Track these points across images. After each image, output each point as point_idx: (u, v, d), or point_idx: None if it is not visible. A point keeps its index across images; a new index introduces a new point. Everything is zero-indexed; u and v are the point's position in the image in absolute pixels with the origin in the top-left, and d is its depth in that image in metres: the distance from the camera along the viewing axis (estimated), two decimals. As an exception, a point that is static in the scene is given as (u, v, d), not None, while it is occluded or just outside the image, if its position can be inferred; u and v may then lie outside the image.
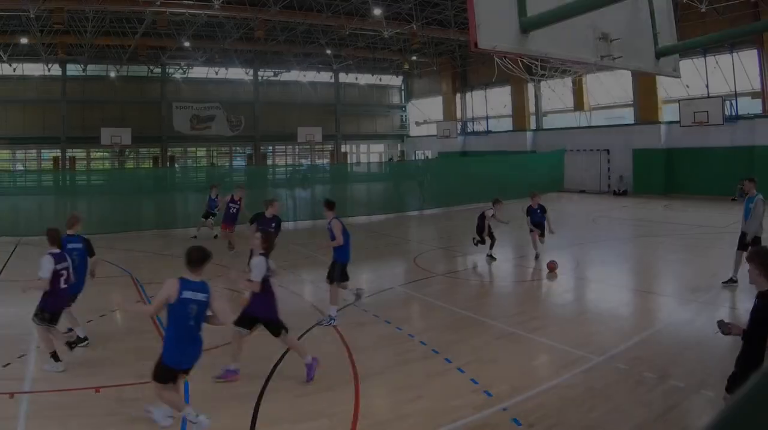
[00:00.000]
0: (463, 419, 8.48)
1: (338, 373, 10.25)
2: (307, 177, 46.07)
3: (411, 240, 26.13)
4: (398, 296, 16.09)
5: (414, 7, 44.03)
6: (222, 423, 8.47)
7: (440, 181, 43.73)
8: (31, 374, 10.23)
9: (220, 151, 68.43)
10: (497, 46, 8.69)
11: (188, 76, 64.67)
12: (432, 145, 66.77)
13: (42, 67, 57.79)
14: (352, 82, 72.06)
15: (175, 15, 44.86)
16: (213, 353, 11.17)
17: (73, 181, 43.43)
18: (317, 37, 53.38)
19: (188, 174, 53.30)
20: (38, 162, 61.56)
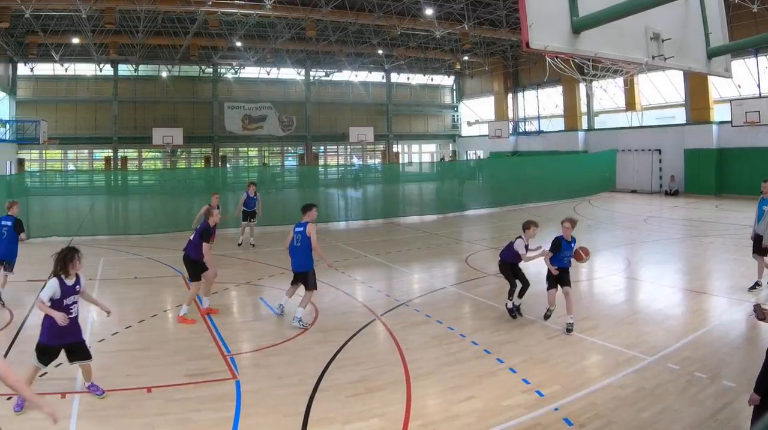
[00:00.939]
0: (514, 419, 8.51)
1: (390, 373, 10.29)
2: (358, 177, 46.13)
3: (462, 240, 26.03)
4: (450, 296, 16.04)
5: (466, 7, 43.89)
6: (274, 423, 8.56)
7: (491, 181, 43.61)
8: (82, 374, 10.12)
9: (272, 151, 68.41)
10: (549, 46, 8.70)
11: (240, 76, 64.92)
12: (483, 145, 66.50)
13: (94, 67, 58.30)
14: (403, 82, 71.99)
15: (226, 15, 45.00)
16: (265, 352, 11.32)
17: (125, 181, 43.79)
18: (369, 37, 53.28)
19: (240, 174, 53.55)
20: (90, 162, 62.03)
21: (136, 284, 17.72)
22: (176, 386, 9.76)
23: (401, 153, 73.15)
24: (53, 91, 58.26)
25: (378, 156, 72.04)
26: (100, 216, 33.50)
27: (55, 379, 9.96)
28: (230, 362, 10.93)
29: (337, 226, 31.48)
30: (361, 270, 19.49)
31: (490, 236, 27.06)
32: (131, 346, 11.74)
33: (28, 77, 57.18)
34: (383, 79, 70.84)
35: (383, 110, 71.01)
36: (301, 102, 66.98)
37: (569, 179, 42.00)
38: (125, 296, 16.19)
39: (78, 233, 26.92)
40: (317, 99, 67.78)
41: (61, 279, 9.05)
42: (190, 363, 10.85)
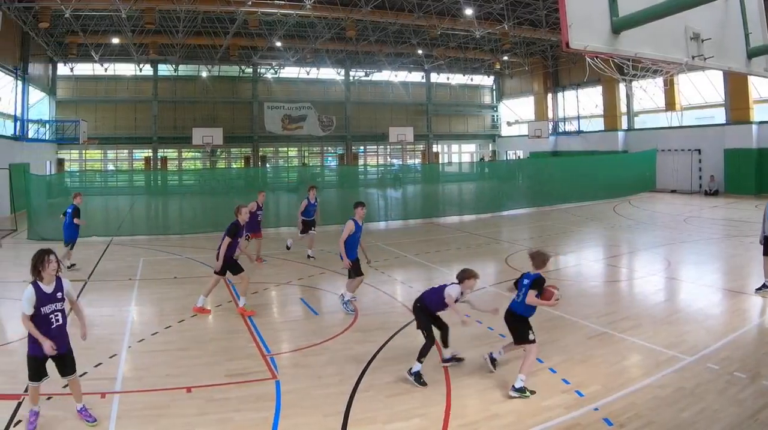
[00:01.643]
0: (554, 419, 8.51)
1: (430, 373, 10.25)
2: (398, 177, 46.18)
3: (502, 240, 25.97)
4: (490, 296, 15.96)
5: (505, 7, 43.73)
6: (314, 423, 8.59)
7: (531, 181, 43.49)
8: (122, 374, 10.42)
9: (312, 151, 68.55)
10: (589, 47, 8.68)
11: (279, 76, 65.02)
12: (523, 145, 66.44)
13: (133, 67, 58.69)
14: (443, 82, 71.79)
15: (266, 15, 45.13)
16: (304, 352, 11.37)
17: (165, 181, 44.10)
18: (409, 37, 53.27)
19: (280, 174, 53.82)
20: (129, 162, 62.44)
21: (175, 284, 17.86)
22: (216, 386, 9.82)
23: (441, 153, 72.99)
24: (93, 91, 58.67)
25: (418, 156, 71.91)
26: (139, 216, 33.82)
27: (94, 379, 10.07)
28: (270, 362, 10.98)
29: (376, 226, 31.49)
30: (401, 270, 19.52)
31: (530, 236, 27.03)
32: (171, 346, 11.81)
33: (67, 77, 57.51)
34: (423, 79, 70.70)
35: (423, 110, 70.88)
36: (340, 102, 67.01)
37: (609, 179, 41.89)
38: (165, 295, 16.33)
39: (117, 232, 27.15)
40: (357, 99, 67.79)
41: (37, 285, 8.62)
42: (230, 363, 10.91)
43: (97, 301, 15.84)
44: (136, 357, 11.32)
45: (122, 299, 15.98)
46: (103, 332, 12.91)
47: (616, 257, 21.99)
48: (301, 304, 15.29)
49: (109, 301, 15.98)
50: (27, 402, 8.67)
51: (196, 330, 12.88)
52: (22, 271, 19.00)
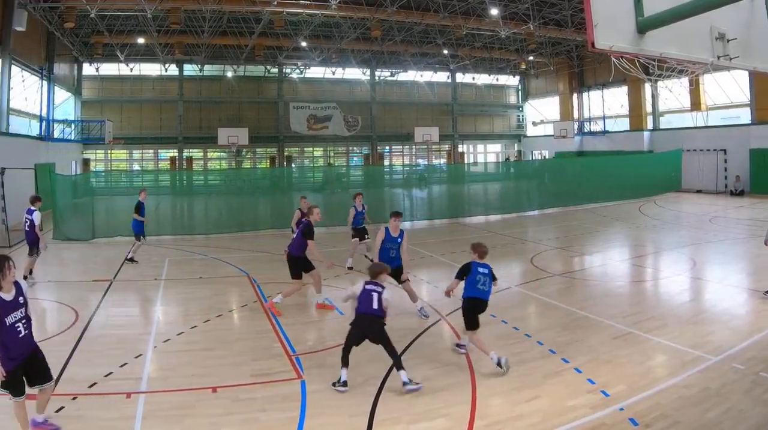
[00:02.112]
0: (579, 419, 8.50)
1: (455, 373, 10.31)
2: (424, 177, 46.15)
3: (527, 240, 25.91)
4: (515, 296, 16.02)
5: (531, 7, 43.65)
6: (339, 423, 8.61)
7: (557, 181, 43.38)
8: (148, 374, 10.43)
9: (337, 151, 68.39)
10: (614, 46, 8.65)
11: (305, 76, 64.76)
12: (549, 145, 66.08)
13: (159, 67, 58.87)
14: (468, 82, 71.44)
15: (292, 15, 45.22)
16: (330, 352, 11.39)
17: (190, 181, 44.19)
18: (434, 37, 53.21)
19: (305, 174, 53.90)
20: (155, 162, 62.58)
21: (201, 284, 17.88)
22: (242, 386, 9.83)
23: (466, 153, 72.84)
24: (118, 91, 58.82)
25: (443, 156, 71.73)
26: (165, 216, 33.91)
27: (120, 379, 10.12)
28: (295, 362, 10.99)
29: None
30: (427, 270, 19.53)
31: (555, 236, 26.92)
32: (196, 346, 11.84)
33: (93, 77, 57.74)
34: (448, 79, 70.41)
35: (448, 110, 70.62)
36: (366, 102, 66.93)
37: (634, 179, 41.69)
38: (190, 295, 16.37)
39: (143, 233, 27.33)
40: (382, 99, 67.64)
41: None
42: (256, 363, 10.94)
43: (123, 301, 15.96)
44: (162, 357, 11.35)
45: (148, 298, 16.09)
46: (129, 332, 12.98)
47: (642, 257, 21.87)
48: (326, 303, 15.30)
49: (134, 301, 16.10)
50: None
51: (221, 330, 12.91)
52: (48, 271, 19.18)
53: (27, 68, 39.64)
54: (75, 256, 23.21)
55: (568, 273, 18.85)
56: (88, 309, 14.63)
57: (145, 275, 19.03)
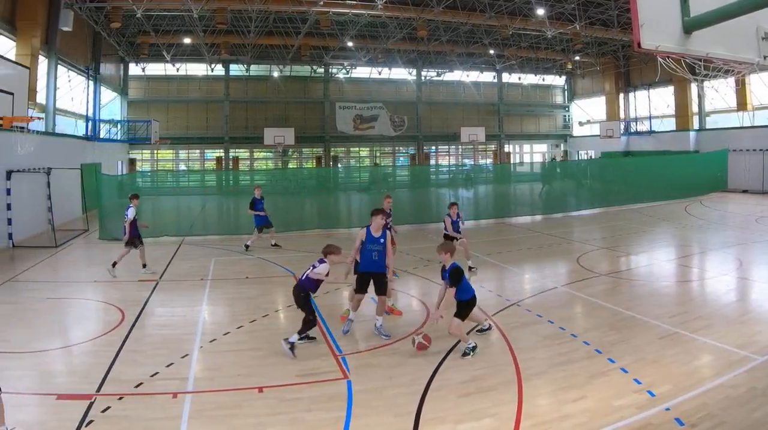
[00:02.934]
0: (625, 419, 8.44)
1: (501, 373, 10.27)
2: (470, 177, 46.07)
3: (573, 240, 25.77)
4: (561, 296, 15.97)
5: (577, 7, 43.37)
6: (385, 423, 8.61)
7: (603, 181, 43.11)
8: (194, 374, 10.49)
9: (383, 151, 68.31)
10: (660, 47, 8.60)
11: (351, 76, 64.79)
12: (595, 145, 65.74)
13: (205, 67, 59.16)
14: (515, 82, 71.10)
15: (338, 15, 45.20)
16: (375, 352, 11.40)
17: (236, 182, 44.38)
18: (480, 37, 52.98)
19: (351, 174, 53.96)
20: (201, 162, 62.89)
21: (247, 283, 17.96)
22: (288, 386, 9.84)
23: (512, 153, 72.59)
24: (164, 91, 59.29)
25: (489, 156, 71.51)
26: (211, 216, 34.16)
27: (166, 379, 10.19)
28: (341, 362, 11.00)
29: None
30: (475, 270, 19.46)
31: (601, 236, 26.74)
32: (243, 346, 11.86)
33: (139, 77, 58.26)
34: (494, 79, 70.13)
35: (494, 110, 70.37)
36: (412, 102, 66.79)
37: (680, 179, 41.41)
38: (237, 295, 16.44)
39: (189, 232, 27.43)
40: (428, 99, 67.41)
41: None
42: (302, 363, 10.93)
43: (169, 301, 16.06)
44: (208, 357, 11.40)
45: (194, 298, 16.11)
46: (175, 332, 13.04)
47: (688, 256, 21.76)
48: (372, 304, 15.31)
49: (180, 301, 16.14)
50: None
51: (267, 330, 12.93)
52: (93, 271, 19.38)
53: (73, 68, 40.07)
54: (121, 256, 23.31)
55: (614, 273, 18.74)
56: (134, 309, 14.72)
57: (192, 275, 19.14)
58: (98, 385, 9.75)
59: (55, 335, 12.84)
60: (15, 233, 24.52)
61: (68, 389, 9.62)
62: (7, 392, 9.08)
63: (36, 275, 19.34)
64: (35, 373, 10.49)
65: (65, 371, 10.71)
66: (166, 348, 11.76)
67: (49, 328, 13.23)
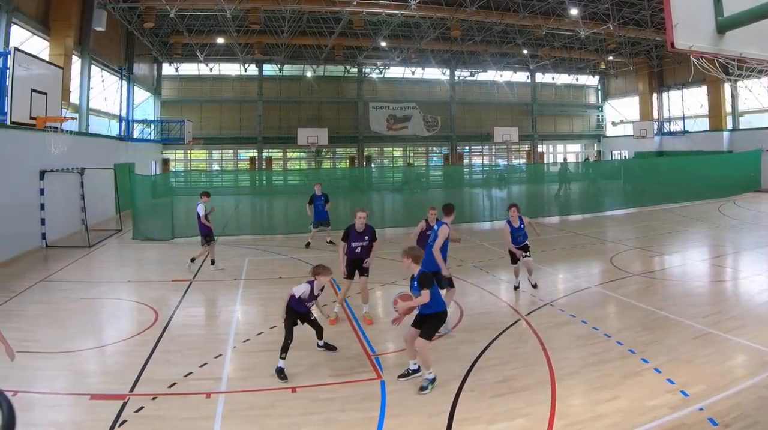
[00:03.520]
0: (659, 419, 8.42)
1: (534, 373, 10.27)
2: (503, 177, 45.98)
3: (606, 240, 25.66)
4: (594, 296, 15.95)
5: (610, 7, 43.15)
6: (418, 423, 8.62)
7: (636, 180, 42.86)
8: (227, 374, 10.55)
9: (417, 151, 68.21)
10: (693, 47, 8.56)
11: (384, 76, 64.76)
12: (628, 145, 65.40)
13: (238, 67, 59.25)
14: (548, 82, 70.90)
15: (371, 15, 45.13)
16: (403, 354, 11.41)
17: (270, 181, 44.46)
18: (514, 37, 52.82)
19: (385, 174, 53.95)
20: (234, 162, 63.09)
21: (281, 283, 17.85)
22: (321, 386, 9.88)
23: (546, 153, 72.46)
24: (198, 91, 59.50)
25: (522, 156, 71.28)
26: (244, 216, 34.27)
27: (200, 379, 10.25)
28: (375, 362, 11.05)
29: (481, 226, 31.46)
30: (506, 270, 19.19)
31: (635, 236, 26.61)
32: (276, 346, 11.64)
33: (172, 77, 58.55)
34: (528, 79, 69.85)
35: (528, 110, 70.12)
36: (445, 102, 66.69)
37: (714, 179, 41.22)
38: (270, 295, 16.44)
39: (223, 232, 27.52)
40: (462, 99, 67.33)
41: None
42: (335, 363, 11.01)
43: (203, 301, 16.20)
44: (241, 357, 11.49)
45: (227, 298, 16.22)
46: (209, 332, 13.19)
47: (721, 256, 21.56)
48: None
49: (214, 301, 16.27)
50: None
51: (301, 330, 12.95)
52: (127, 271, 19.54)
53: (107, 68, 40.30)
54: (154, 256, 23.41)
55: (647, 273, 18.67)
56: (168, 309, 14.83)
57: (225, 275, 19.21)
58: (132, 385, 9.81)
59: (88, 335, 12.95)
60: (48, 233, 24.68)
61: (102, 389, 9.70)
62: (40, 392, 9.21)
63: (69, 275, 19.48)
64: (69, 373, 10.55)
65: (99, 371, 10.80)
66: (199, 348, 11.85)
67: (83, 328, 13.33)
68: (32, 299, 15.83)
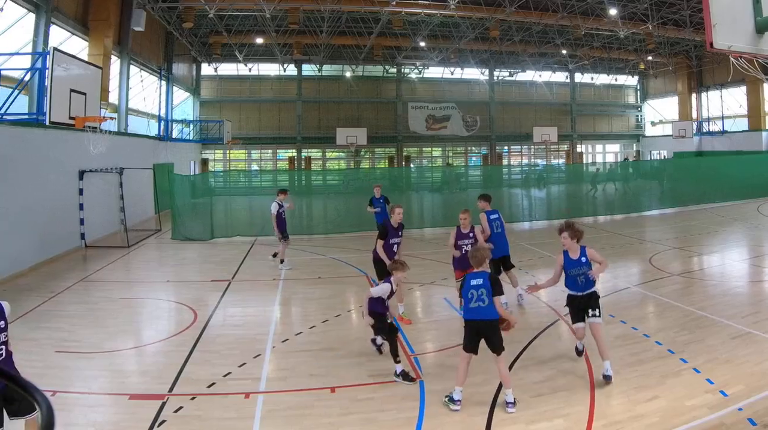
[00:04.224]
0: (698, 419, 8.36)
1: (573, 373, 10.26)
2: (542, 177, 45.82)
3: (645, 240, 25.51)
4: (634, 296, 15.84)
5: (649, 7, 42.94)
6: (457, 423, 8.61)
7: (675, 181, 42.55)
8: (266, 374, 10.55)
9: (456, 151, 68.29)
10: (732, 47, 8.51)
11: (423, 76, 64.75)
12: (667, 145, 65.25)
13: (277, 67, 59.59)
14: (587, 82, 70.70)
15: (410, 15, 45.17)
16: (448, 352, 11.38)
17: (309, 181, 44.55)
18: (553, 37, 52.68)
19: (424, 174, 53.92)
20: (273, 162, 63.30)
21: (320, 283, 18.01)
22: (360, 386, 9.87)
23: (585, 153, 72.23)
24: (237, 92, 59.81)
25: (561, 156, 71.10)
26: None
27: (238, 379, 10.27)
28: (414, 362, 10.99)
29: (521, 226, 31.38)
30: (545, 270, 19.23)
31: (674, 236, 26.44)
32: (315, 346, 11.90)
33: (211, 77, 58.92)
34: (567, 79, 69.70)
35: (567, 110, 69.97)
36: (484, 102, 66.61)
37: (753, 179, 40.83)
38: (309, 295, 16.53)
39: (262, 232, 27.58)
40: (501, 99, 67.21)
41: None
42: (374, 363, 10.96)
43: (242, 301, 16.18)
44: (280, 357, 11.48)
45: (266, 298, 16.20)
46: (248, 332, 13.15)
47: (761, 257, 21.44)
48: (444, 304, 15.30)
49: (253, 301, 16.24)
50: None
51: (340, 330, 12.97)
52: (166, 271, 19.67)
53: (145, 68, 40.57)
54: (193, 256, 23.55)
55: (686, 273, 18.59)
56: (207, 309, 14.91)
57: (264, 275, 19.29)
58: (171, 385, 9.88)
59: (127, 335, 13.05)
60: (87, 233, 24.83)
61: (141, 389, 9.76)
62: (79, 392, 9.30)
63: (108, 275, 19.61)
64: (108, 373, 10.63)
65: (138, 371, 10.86)
66: (238, 348, 11.88)
67: (122, 328, 13.43)
68: (72, 299, 15.97)
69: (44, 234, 21.04)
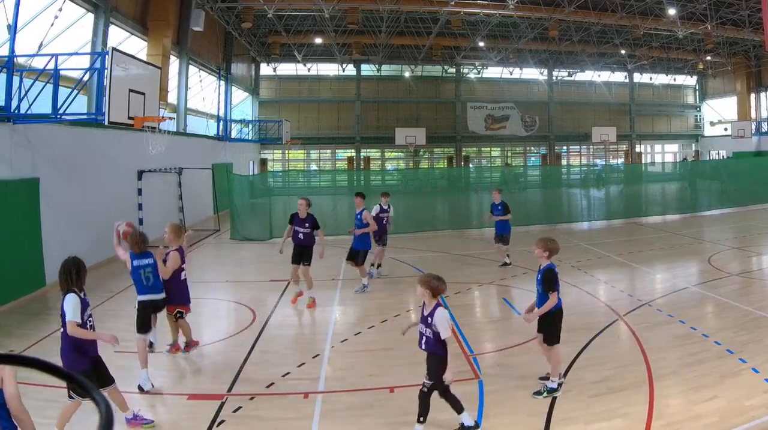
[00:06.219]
0: (757, 419, 8.27)
1: (632, 373, 10.15)
2: (601, 177, 45.51)
3: (704, 240, 25.28)
4: (692, 296, 15.71)
5: (708, 7, 42.49)
6: (517, 422, 8.62)
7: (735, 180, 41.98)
8: (325, 374, 10.59)
9: (515, 151, 68.09)
10: (791, 47, 8.45)
11: (482, 76, 64.53)
12: (726, 145, 64.49)
13: (336, 67, 59.67)
14: (646, 82, 70.02)
15: (469, 15, 44.98)
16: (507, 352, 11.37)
17: (368, 181, 44.57)
18: (611, 37, 52.30)
19: (483, 174, 53.80)
20: (332, 162, 63.35)
21: (378, 283, 18.00)
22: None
23: (644, 153, 71.59)
24: (296, 92, 60.03)
25: (620, 156, 70.48)
26: (342, 215, 34.49)
27: (297, 379, 10.31)
28: (473, 362, 10.99)
29: (579, 226, 31.26)
30: (604, 270, 19.28)
31: (733, 235, 26.19)
32: (374, 346, 11.94)
33: (270, 77, 59.19)
34: (626, 79, 68.97)
35: (626, 110, 69.29)
36: (543, 102, 66.20)
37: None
38: (368, 296, 16.52)
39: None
40: (560, 99, 66.82)
41: (76, 293, 7.82)
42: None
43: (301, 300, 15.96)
44: (339, 357, 11.51)
45: (325, 299, 16.11)
46: (306, 332, 13.35)
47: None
48: (503, 304, 15.30)
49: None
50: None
51: (398, 330, 12.88)
52: (223, 271, 19.84)
53: (204, 68, 40.87)
54: (252, 256, 23.69)
55: (745, 273, 18.41)
56: (266, 309, 14.99)
57: (323, 275, 19.31)
58: (229, 385, 9.96)
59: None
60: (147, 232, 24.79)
61: (199, 389, 9.91)
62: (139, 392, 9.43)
63: (167, 274, 19.84)
64: (167, 373, 10.78)
65: (196, 371, 11.01)
66: (297, 348, 12.00)
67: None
68: (130, 299, 16.16)
69: (103, 234, 21.17)
